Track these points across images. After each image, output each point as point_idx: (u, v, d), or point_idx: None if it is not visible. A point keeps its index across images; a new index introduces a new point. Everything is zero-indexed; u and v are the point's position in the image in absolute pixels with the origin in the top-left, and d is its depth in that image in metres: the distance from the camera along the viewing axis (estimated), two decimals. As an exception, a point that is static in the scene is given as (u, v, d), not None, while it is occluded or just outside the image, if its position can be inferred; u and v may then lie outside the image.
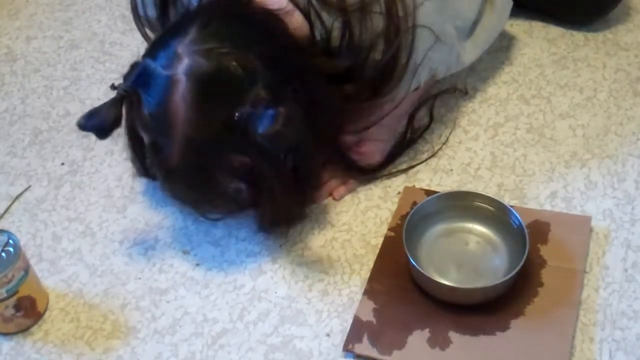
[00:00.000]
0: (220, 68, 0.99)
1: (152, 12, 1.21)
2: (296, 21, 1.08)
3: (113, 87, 1.05)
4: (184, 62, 0.99)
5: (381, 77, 1.14)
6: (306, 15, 1.08)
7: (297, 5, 1.08)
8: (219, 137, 1.01)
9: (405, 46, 1.12)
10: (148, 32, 1.24)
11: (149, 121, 1.02)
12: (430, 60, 1.17)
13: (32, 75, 1.55)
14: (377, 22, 1.10)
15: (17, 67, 1.58)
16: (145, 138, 1.05)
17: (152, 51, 1.04)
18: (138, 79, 1.02)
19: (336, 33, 1.09)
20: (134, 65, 1.05)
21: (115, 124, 1.04)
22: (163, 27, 1.19)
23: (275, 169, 1.06)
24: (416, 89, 1.22)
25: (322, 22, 1.09)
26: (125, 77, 1.05)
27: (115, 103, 1.03)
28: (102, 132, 1.04)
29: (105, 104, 1.04)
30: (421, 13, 1.13)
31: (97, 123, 1.03)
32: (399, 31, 1.10)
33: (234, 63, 0.99)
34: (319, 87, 1.09)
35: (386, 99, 1.18)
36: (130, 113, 1.05)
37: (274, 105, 0.97)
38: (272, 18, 1.07)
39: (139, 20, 1.24)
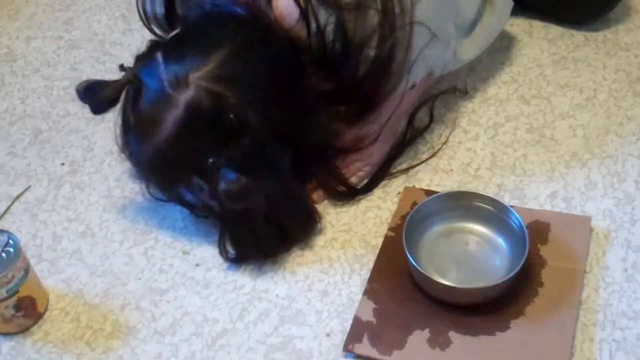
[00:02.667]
0: (218, 115, 1.02)
1: (159, 9, 1.21)
2: (297, 32, 1.09)
3: (122, 67, 1.07)
4: (189, 91, 1.01)
5: (376, 79, 1.14)
6: (304, 14, 1.08)
7: (299, 5, 1.08)
8: (188, 164, 1.06)
9: (402, 44, 1.12)
10: (155, 28, 1.24)
11: (139, 117, 1.06)
12: (425, 57, 1.17)
13: (32, 75, 1.55)
14: (373, 19, 1.10)
15: (17, 67, 1.58)
16: (130, 123, 1.08)
17: (170, 52, 1.06)
18: (146, 76, 1.05)
19: (330, 29, 1.09)
20: (150, 50, 1.07)
21: (112, 104, 1.07)
22: (169, 24, 1.19)
23: (237, 214, 1.09)
24: (412, 87, 1.22)
25: (317, 19, 1.09)
26: (137, 60, 1.08)
27: (119, 86, 1.06)
28: (97, 108, 1.08)
29: (108, 82, 1.08)
30: (418, 10, 1.13)
31: (95, 99, 1.07)
32: (394, 28, 1.10)
33: (232, 115, 1.01)
34: (310, 116, 1.11)
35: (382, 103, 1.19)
36: (127, 96, 1.08)
37: (247, 167, 1.01)
38: (290, 51, 1.09)
39: (146, 16, 1.24)
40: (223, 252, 1.14)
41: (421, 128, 1.28)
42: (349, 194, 1.21)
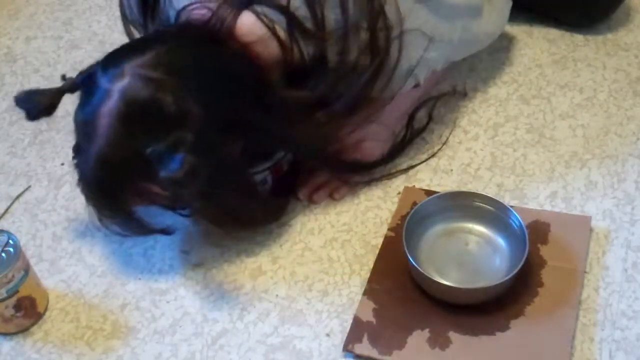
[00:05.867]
0: (154, 99, 0.98)
1: (135, 15, 1.21)
2: (272, 48, 1.08)
3: (63, 77, 1.07)
4: (124, 80, 0.99)
5: (360, 95, 1.13)
6: (283, 43, 1.07)
7: (275, 34, 1.07)
8: (130, 163, 1.01)
9: (391, 57, 1.12)
10: (135, 32, 1.24)
11: (78, 124, 1.04)
12: (426, 59, 1.18)
13: (32, 75, 1.55)
14: (356, 45, 1.09)
15: (17, 67, 1.58)
16: (75, 134, 1.06)
17: (106, 61, 1.04)
18: (84, 81, 1.04)
19: (311, 57, 1.09)
20: (91, 66, 1.06)
21: (46, 111, 1.06)
22: (145, 30, 1.18)
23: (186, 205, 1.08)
24: (416, 85, 1.22)
25: (299, 48, 1.08)
26: (79, 73, 1.07)
27: (55, 93, 1.06)
28: (31, 115, 1.07)
29: (46, 89, 1.07)
30: (413, 18, 1.13)
31: (29, 104, 1.06)
32: (380, 48, 1.10)
33: (170, 100, 0.98)
34: (282, 124, 1.09)
35: (378, 103, 1.19)
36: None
37: (189, 153, 0.97)
38: (244, 63, 1.07)
39: (127, 21, 1.24)
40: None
41: (419, 129, 1.29)
42: (364, 169, 1.22)
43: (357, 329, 1.03)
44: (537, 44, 1.45)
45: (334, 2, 1.07)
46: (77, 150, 1.06)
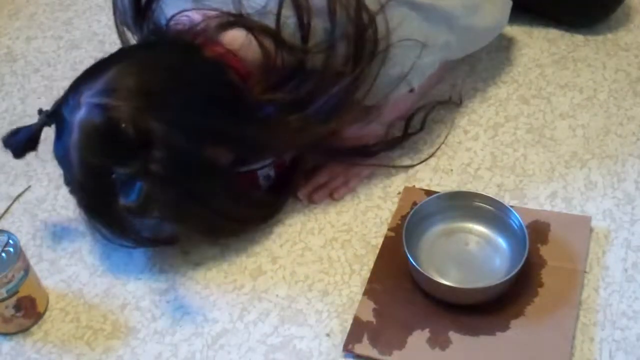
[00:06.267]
0: (110, 125, 0.99)
1: (129, 19, 1.21)
2: (252, 54, 1.08)
3: (39, 112, 1.09)
4: (81, 111, 1.00)
5: (343, 98, 1.12)
6: (266, 51, 1.08)
7: (260, 42, 1.07)
8: (107, 188, 1.01)
9: (371, 69, 1.12)
10: (129, 35, 1.24)
11: (56, 159, 1.07)
12: (420, 65, 1.17)
13: (32, 75, 1.55)
14: (341, 55, 1.09)
15: (17, 67, 1.58)
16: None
17: (69, 92, 1.05)
18: (53, 114, 1.06)
19: (292, 64, 1.09)
20: (62, 96, 1.06)
21: (29, 147, 1.10)
22: (140, 33, 1.18)
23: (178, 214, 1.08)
24: (411, 90, 1.22)
25: (282, 57, 1.08)
26: (54, 104, 1.07)
27: (33, 129, 1.08)
28: (17, 153, 1.11)
29: (25, 127, 1.10)
30: (406, 25, 1.13)
31: (13, 144, 1.10)
32: (361, 62, 1.10)
33: (127, 124, 0.98)
34: (264, 128, 1.09)
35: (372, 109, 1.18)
36: None
37: (150, 180, 0.97)
38: (217, 71, 1.06)
39: (120, 23, 1.24)
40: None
41: (413, 131, 1.28)
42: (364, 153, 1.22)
43: (357, 329, 1.03)
44: (537, 44, 1.45)
45: (323, 13, 1.07)
46: (66, 180, 1.10)
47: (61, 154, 1.05)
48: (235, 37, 1.08)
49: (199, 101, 1.05)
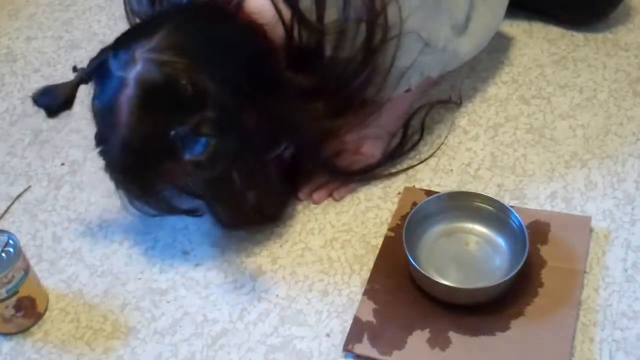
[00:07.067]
0: (169, 82, 0.99)
1: (143, 7, 1.21)
2: (277, 32, 1.08)
3: (74, 69, 1.06)
4: (136, 67, 0.99)
5: (357, 92, 1.13)
6: (287, 29, 1.08)
7: (282, 18, 1.07)
8: (155, 147, 1.01)
9: (387, 54, 1.12)
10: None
11: (97, 114, 1.04)
12: (420, 63, 1.17)
13: (32, 75, 1.55)
14: (356, 39, 1.10)
15: (17, 67, 1.58)
16: (95, 124, 1.06)
17: (116, 46, 1.04)
18: (96, 70, 1.04)
19: (312, 46, 1.09)
20: (101, 52, 1.06)
21: (66, 105, 1.06)
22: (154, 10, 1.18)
23: (213, 185, 1.07)
24: (407, 90, 1.22)
25: (300, 36, 1.08)
26: (90, 61, 1.06)
27: (71, 86, 1.05)
28: (50, 111, 1.06)
29: (61, 84, 1.06)
30: (411, 21, 1.13)
31: (48, 101, 1.05)
32: (376, 45, 1.10)
33: (185, 81, 0.98)
34: (286, 105, 1.09)
35: (372, 107, 1.18)
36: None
37: (212, 134, 0.97)
38: (250, 33, 1.06)
39: (132, 13, 1.24)
40: (217, 220, 1.15)
41: (413, 140, 1.28)
42: (361, 173, 1.22)
43: (357, 329, 1.03)
44: (537, 44, 1.45)
45: None
46: (100, 138, 1.06)
47: (106, 110, 1.02)
48: (261, 8, 1.07)
49: (241, 64, 1.05)
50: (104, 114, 1.03)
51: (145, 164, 1.04)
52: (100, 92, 1.03)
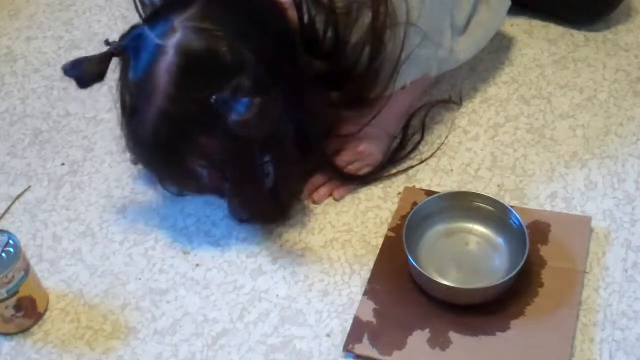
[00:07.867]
0: (210, 49, 1.00)
1: None
2: (291, 15, 1.09)
3: (107, 42, 1.06)
4: (176, 35, 1.00)
5: (367, 78, 1.14)
6: (299, 9, 1.08)
7: (296, 2, 1.08)
8: (193, 116, 1.02)
9: (395, 43, 1.12)
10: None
11: (132, 84, 1.04)
12: (416, 57, 1.17)
13: (32, 75, 1.55)
14: (365, 21, 1.10)
15: (17, 67, 1.58)
16: (127, 100, 1.06)
17: (152, 19, 1.05)
18: (131, 42, 1.04)
19: (322, 29, 1.10)
20: (132, 27, 1.06)
21: (98, 77, 1.05)
22: None
23: (246, 163, 1.07)
24: (403, 87, 1.21)
25: (311, 20, 1.09)
26: (121, 36, 1.07)
27: (103, 58, 1.05)
28: (82, 82, 1.06)
29: (93, 56, 1.06)
30: (412, 11, 1.13)
31: (80, 72, 1.05)
32: (383, 31, 1.11)
33: (225, 48, 1.00)
34: (305, 89, 1.10)
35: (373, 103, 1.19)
36: (120, 74, 1.07)
37: (252, 96, 0.98)
38: (277, 12, 1.08)
39: (143, 6, 1.23)
40: (234, 215, 1.17)
41: (414, 141, 1.28)
42: (360, 179, 1.22)
43: (357, 329, 1.03)
44: (537, 44, 1.45)
45: None
46: (132, 112, 1.06)
47: (142, 78, 1.02)
48: None
49: (271, 38, 1.06)
50: (139, 85, 1.03)
51: (180, 136, 1.04)
52: (136, 63, 1.03)
